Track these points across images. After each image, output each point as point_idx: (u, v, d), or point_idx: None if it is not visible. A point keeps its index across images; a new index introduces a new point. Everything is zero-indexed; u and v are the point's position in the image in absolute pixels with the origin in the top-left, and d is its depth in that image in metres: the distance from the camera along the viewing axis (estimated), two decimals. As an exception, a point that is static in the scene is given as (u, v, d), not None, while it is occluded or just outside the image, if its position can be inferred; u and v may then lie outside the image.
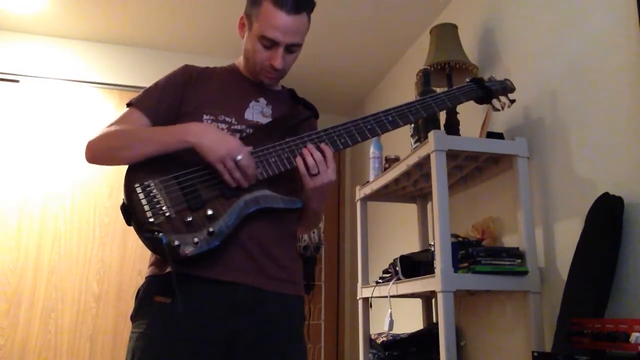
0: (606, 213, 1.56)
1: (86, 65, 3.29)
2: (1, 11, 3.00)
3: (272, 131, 1.33)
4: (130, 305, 1.31)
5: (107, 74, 3.30)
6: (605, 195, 1.58)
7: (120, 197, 1.21)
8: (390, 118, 1.36)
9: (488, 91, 1.67)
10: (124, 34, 3.25)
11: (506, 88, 1.76)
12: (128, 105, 1.36)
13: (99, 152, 1.29)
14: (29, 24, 3.13)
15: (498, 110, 1.74)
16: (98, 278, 2.98)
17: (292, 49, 1.33)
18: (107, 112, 3.23)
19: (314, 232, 3.69)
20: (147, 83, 1.42)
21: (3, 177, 2.99)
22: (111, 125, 1.31)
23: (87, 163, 1.32)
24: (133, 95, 1.40)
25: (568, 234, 1.76)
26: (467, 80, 1.68)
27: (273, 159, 1.25)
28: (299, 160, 1.25)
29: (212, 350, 1.18)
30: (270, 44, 1.31)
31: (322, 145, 1.27)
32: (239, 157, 1.19)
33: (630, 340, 1.24)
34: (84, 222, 3.04)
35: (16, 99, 3.12)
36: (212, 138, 1.21)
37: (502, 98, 1.74)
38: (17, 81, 3.15)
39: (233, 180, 1.21)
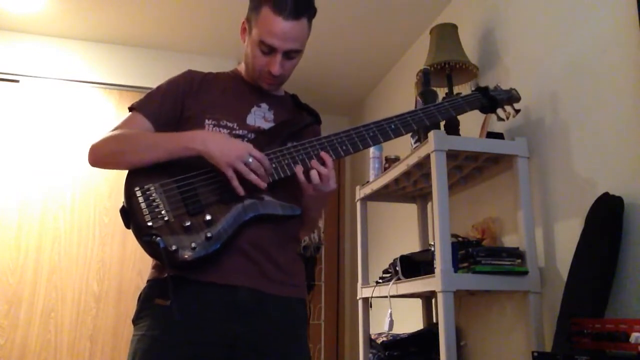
0: (606, 213, 1.56)
1: (86, 65, 3.29)
2: (1, 11, 3.00)
3: (274, 137, 1.32)
4: (130, 305, 1.31)
5: (107, 74, 3.30)
6: (605, 195, 1.58)
7: (120, 197, 1.21)
8: (393, 126, 1.35)
9: (493, 101, 1.65)
10: (124, 34, 3.25)
11: (512, 97, 1.73)
12: (130, 109, 1.36)
13: (103, 155, 1.29)
14: (29, 24, 3.13)
15: (503, 120, 1.70)
16: (98, 278, 2.98)
17: (290, 55, 1.32)
18: (107, 112, 3.23)
19: (313, 233, 3.69)
20: (147, 83, 1.42)
21: (3, 177, 2.98)
22: (115, 129, 1.31)
23: (89, 165, 1.31)
24: (133, 95, 1.40)
25: (568, 234, 1.76)
26: (472, 89, 1.67)
27: (274, 165, 1.25)
28: (298, 168, 1.24)
29: (214, 353, 1.18)
30: (268, 49, 1.30)
31: (322, 154, 1.26)
32: (250, 160, 1.18)
33: (630, 340, 1.24)
34: (84, 222, 3.04)
35: (16, 99, 3.12)
36: (219, 143, 1.20)
37: (507, 107, 1.71)
38: (17, 81, 3.15)
39: (241, 186, 1.19)
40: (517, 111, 1.72)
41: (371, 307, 2.37)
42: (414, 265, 2.09)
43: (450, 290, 1.74)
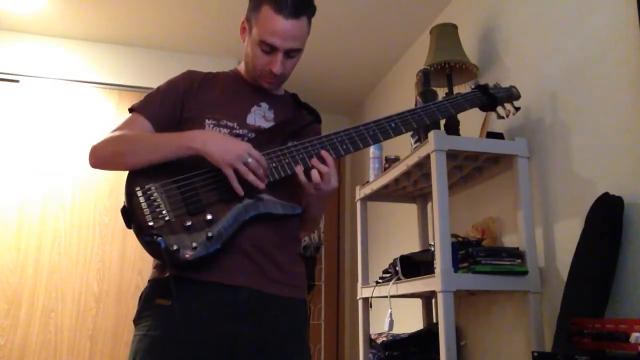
0: (606, 213, 1.56)
1: (86, 65, 3.29)
2: (1, 11, 3.00)
3: (274, 136, 1.33)
4: (130, 305, 1.31)
5: (107, 74, 3.30)
6: (605, 195, 1.58)
7: (120, 196, 1.22)
8: (393, 124, 1.35)
9: (493, 98, 1.64)
10: (124, 34, 3.25)
11: (512, 95, 1.72)
12: (131, 110, 1.37)
13: (104, 157, 1.29)
14: (29, 24, 3.13)
15: (502, 117, 1.70)
16: (98, 278, 2.97)
17: (291, 54, 1.33)
18: (107, 112, 3.23)
19: (313, 233, 3.69)
20: (147, 83, 1.42)
21: (3, 177, 2.98)
22: (115, 130, 1.31)
23: (90, 166, 1.32)
24: (133, 95, 1.40)
25: (568, 234, 1.76)
26: (472, 87, 1.66)
27: (274, 165, 1.25)
28: (299, 169, 1.25)
29: (215, 353, 1.18)
30: (269, 48, 1.30)
31: (323, 152, 1.26)
32: (249, 160, 1.19)
33: (630, 340, 1.24)
34: (84, 221, 3.04)
35: (16, 99, 3.12)
36: (218, 143, 1.20)
37: (507, 105, 1.70)
38: (17, 81, 3.15)
39: (240, 186, 1.19)
40: (517, 109, 1.72)
41: (371, 307, 2.37)
42: (414, 265, 2.09)
43: (450, 290, 1.74)
